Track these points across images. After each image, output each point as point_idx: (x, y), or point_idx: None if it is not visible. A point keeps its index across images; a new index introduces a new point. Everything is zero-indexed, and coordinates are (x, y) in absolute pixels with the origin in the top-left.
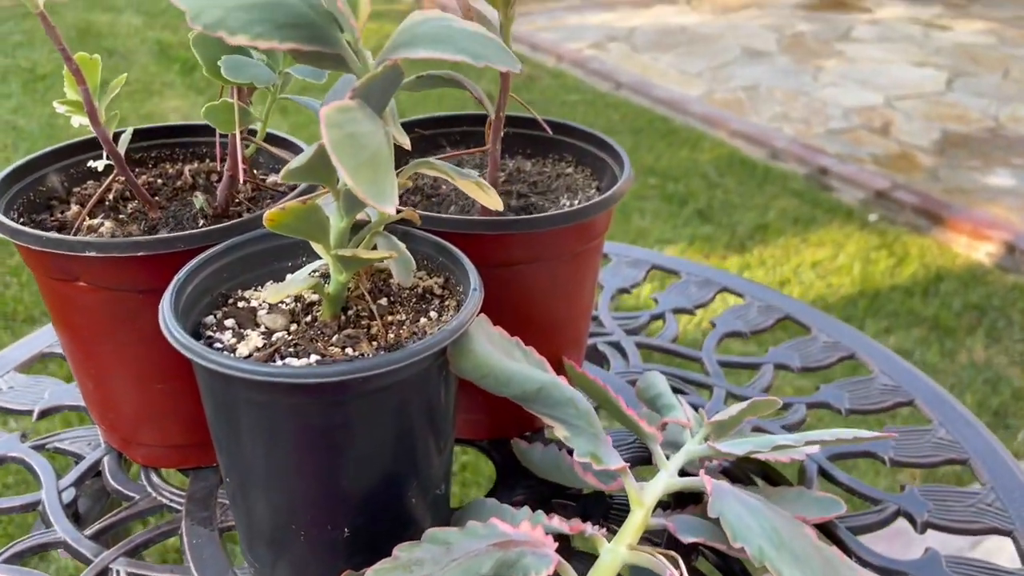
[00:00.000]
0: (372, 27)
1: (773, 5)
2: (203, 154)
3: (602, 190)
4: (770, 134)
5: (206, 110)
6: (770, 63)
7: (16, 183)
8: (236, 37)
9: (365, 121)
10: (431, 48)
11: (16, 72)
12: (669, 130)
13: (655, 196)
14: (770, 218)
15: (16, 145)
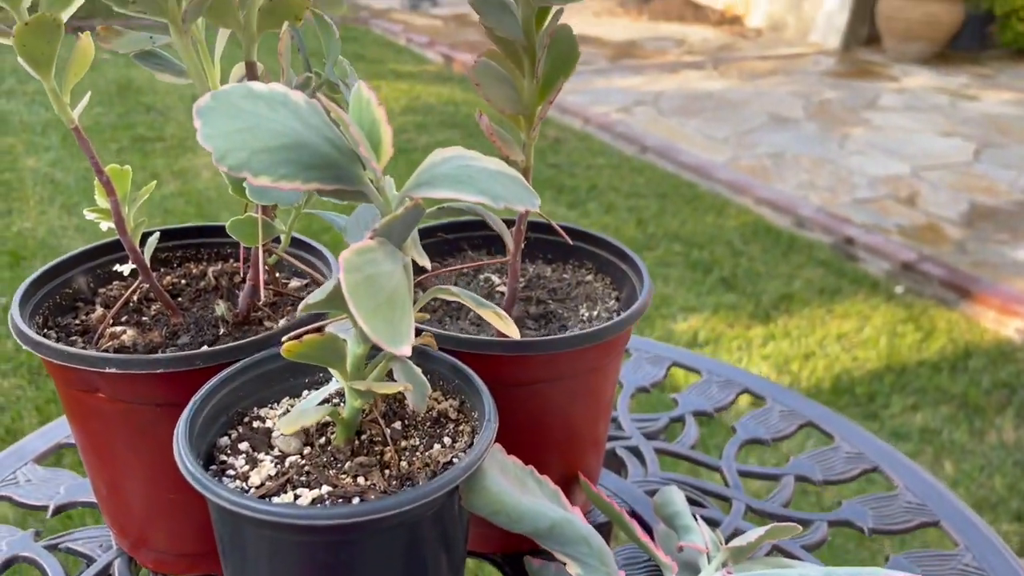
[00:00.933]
0: (403, 88)
1: (800, 72)
2: (227, 254)
3: (621, 300)
4: (796, 202)
5: (231, 224)
6: (796, 130)
7: (43, 286)
8: (260, 179)
9: (385, 261)
10: (451, 188)
11: (56, 126)
12: (694, 195)
13: (680, 263)
14: (795, 288)
15: (52, 198)
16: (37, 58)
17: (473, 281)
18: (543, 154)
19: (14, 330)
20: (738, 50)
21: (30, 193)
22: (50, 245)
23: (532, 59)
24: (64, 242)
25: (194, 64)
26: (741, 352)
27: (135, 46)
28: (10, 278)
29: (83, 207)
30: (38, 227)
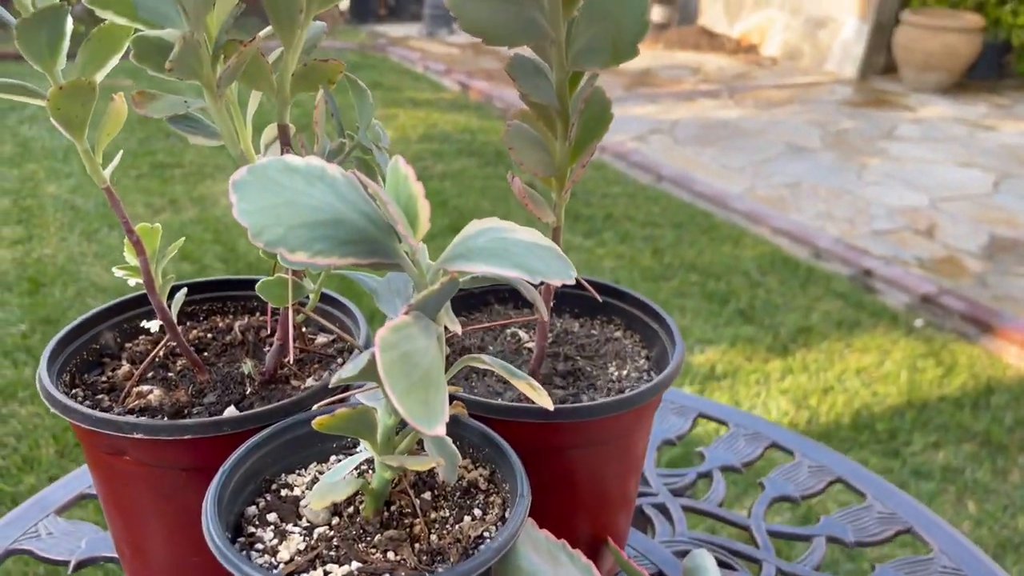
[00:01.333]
0: (420, 115)
1: (816, 101)
2: (253, 308)
3: (652, 359)
4: (813, 233)
5: (261, 286)
6: (813, 160)
7: (71, 343)
8: (296, 255)
9: (420, 337)
10: (488, 263)
11: (76, 152)
12: (711, 225)
13: (696, 293)
14: (813, 320)
15: (72, 225)
16: (71, 121)
17: (500, 336)
18: None
19: (43, 392)
20: (754, 79)
21: (51, 219)
22: (69, 272)
23: (566, 122)
24: (83, 269)
25: (227, 127)
26: (759, 386)
27: (169, 110)
28: (30, 304)
29: (102, 233)
30: (58, 253)
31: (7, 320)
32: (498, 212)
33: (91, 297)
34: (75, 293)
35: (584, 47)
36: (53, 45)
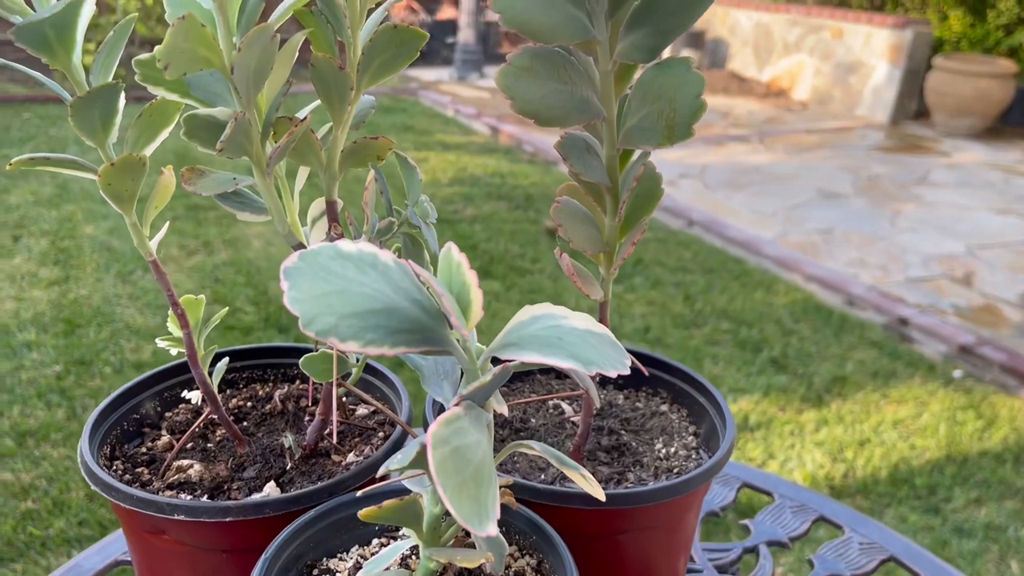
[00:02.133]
0: (450, 159)
1: (847, 146)
2: (292, 376)
3: (700, 436)
4: (846, 280)
5: (304, 362)
6: (845, 206)
7: (112, 413)
8: (347, 344)
9: (471, 430)
10: (541, 352)
11: None
12: (742, 271)
13: (728, 341)
14: (848, 370)
15: (108, 266)
16: (121, 195)
17: (543, 407)
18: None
19: (83, 469)
20: (784, 123)
21: (87, 260)
22: (104, 313)
23: (615, 199)
24: (118, 310)
25: (275, 204)
26: (793, 437)
27: (218, 188)
28: (64, 346)
29: (137, 275)
30: (93, 295)
31: (42, 361)
32: (527, 256)
33: (124, 339)
34: (109, 335)
35: (637, 126)
36: (106, 121)
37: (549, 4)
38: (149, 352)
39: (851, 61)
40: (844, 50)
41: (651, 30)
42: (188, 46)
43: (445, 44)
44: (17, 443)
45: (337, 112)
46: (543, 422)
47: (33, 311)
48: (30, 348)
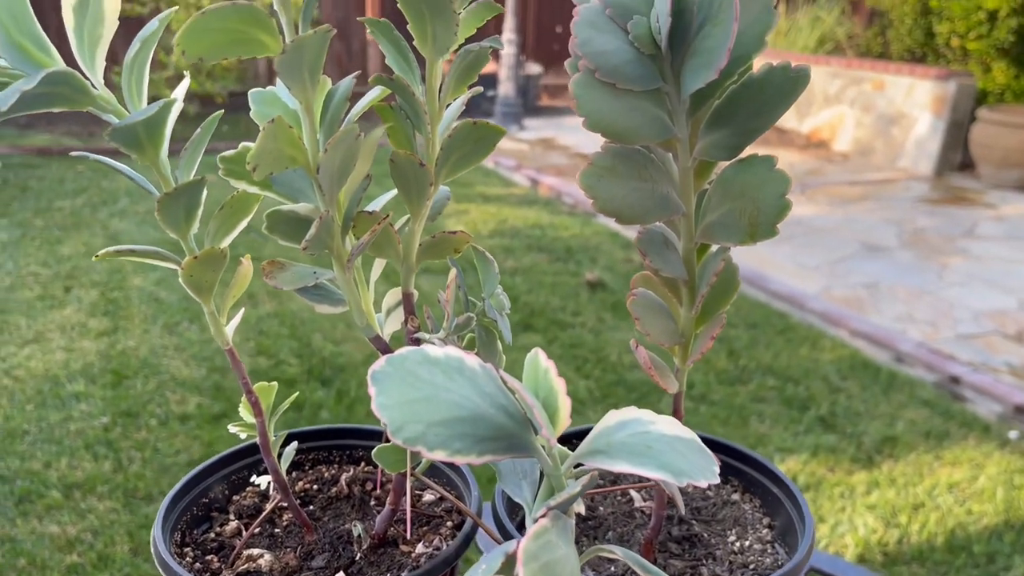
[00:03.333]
0: (491, 211)
1: (891, 198)
2: (358, 457)
3: (776, 529)
4: (894, 336)
5: (377, 453)
6: (891, 259)
7: (183, 498)
8: (435, 453)
9: (560, 543)
10: (630, 462)
11: (163, 245)
12: (787, 326)
13: (774, 399)
14: (899, 430)
15: (155, 317)
16: (201, 286)
17: (610, 496)
18: (629, 279)
19: (157, 560)
20: (825, 175)
21: (135, 311)
22: (151, 364)
23: (692, 292)
24: (164, 362)
25: (355, 298)
26: (844, 500)
27: (299, 282)
28: (112, 397)
29: (183, 327)
30: (141, 346)
31: (90, 413)
32: (568, 309)
33: (170, 391)
34: (155, 386)
35: (717, 222)
36: (189, 214)
37: (632, 107)
38: (193, 404)
39: (893, 113)
40: (885, 102)
41: (733, 130)
42: (276, 147)
43: (485, 97)
44: (64, 495)
45: (415, 206)
46: (611, 510)
47: (82, 362)
48: (79, 399)
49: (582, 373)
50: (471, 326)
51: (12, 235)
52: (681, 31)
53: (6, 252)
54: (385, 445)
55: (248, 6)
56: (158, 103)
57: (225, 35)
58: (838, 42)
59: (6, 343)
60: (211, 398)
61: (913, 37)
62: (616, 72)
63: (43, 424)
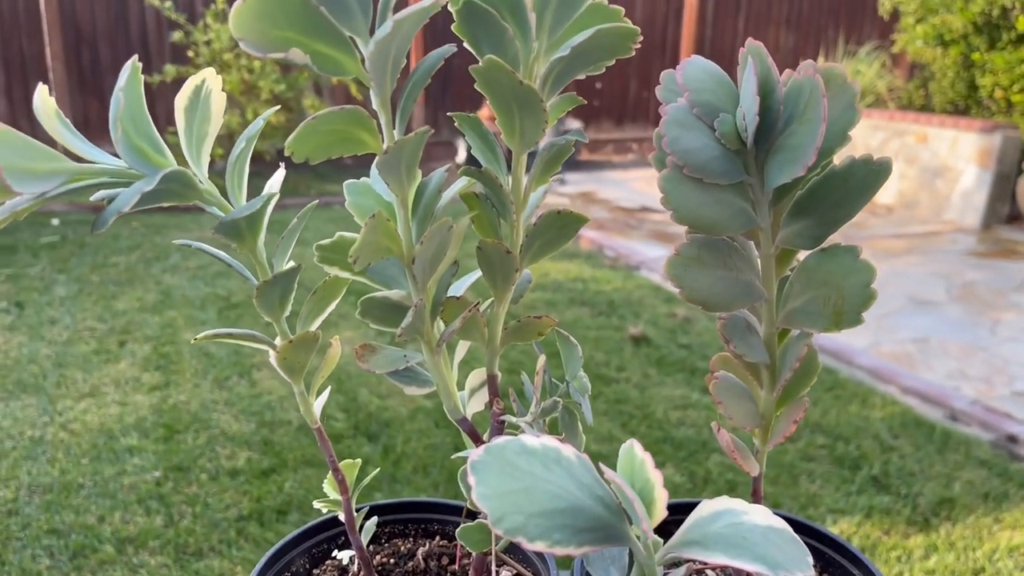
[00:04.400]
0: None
1: (938, 251)
2: (434, 531)
3: None
4: (947, 393)
5: (461, 532)
6: (940, 314)
7: (267, 572)
8: (535, 544)
9: None
10: (725, 553)
11: (213, 300)
12: (835, 383)
13: (824, 458)
14: (955, 491)
15: (206, 372)
16: (293, 367)
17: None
18: (673, 334)
19: None
20: (870, 228)
21: (187, 366)
22: (202, 419)
23: (773, 375)
24: (214, 416)
25: (443, 382)
26: (901, 564)
27: (391, 366)
28: (164, 451)
29: (232, 381)
30: (191, 400)
31: (143, 467)
32: (612, 364)
33: (220, 445)
34: (206, 440)
35: (801, 309)
36: (283, 300)
37: (718, 200)
38: (243, 459)
39: (937, 165)
40: (930, 154)
41: (816, 221)
42: (375, 240)
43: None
44: (117, 550)
45: (500, 290)
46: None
47: (136, 416)
48: (132, 453)
49: (628, 430)
50: (556, 410)
51: (70, 290)
52: (766, 128)
53: (64, 307)
54: (469, 524)
55: (354, 110)
56: (260, 199)
57: (331, 136)
58: (879, 95)
59: (63, 397)
60: (260, 453)
61: (956, 90)
62: (703, 168)
63: (97, 478)
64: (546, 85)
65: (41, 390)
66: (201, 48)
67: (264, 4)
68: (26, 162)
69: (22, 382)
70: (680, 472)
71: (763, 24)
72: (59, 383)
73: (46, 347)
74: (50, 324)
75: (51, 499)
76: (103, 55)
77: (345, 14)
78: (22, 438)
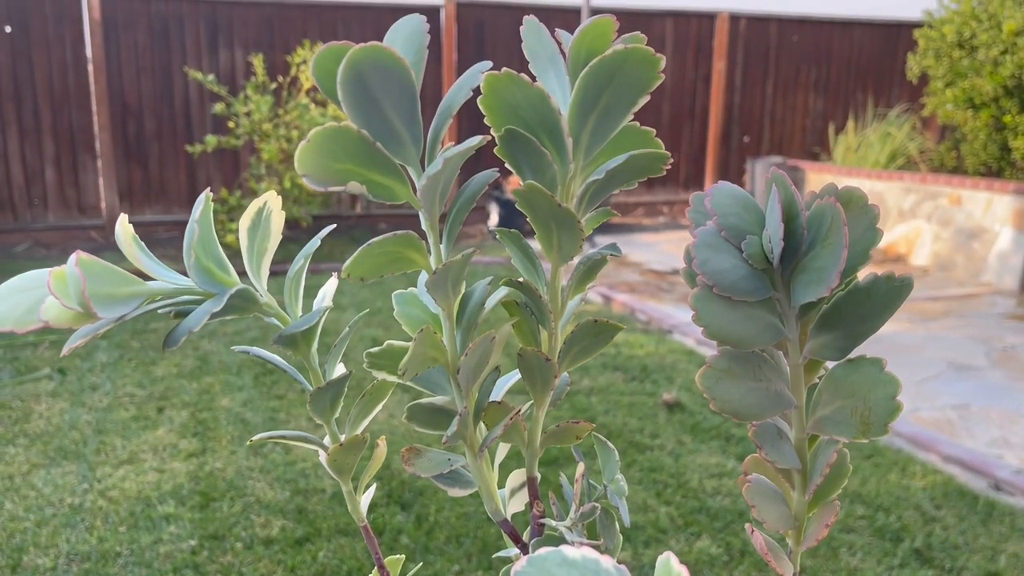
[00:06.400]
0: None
1: (975, 314)
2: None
3: None
4: (990, 462)
5: None
6: (980, 379)
7: None
8: None
9: None
10: None
11: (249, 366)
12: (874, 451)
13: (865, 529)
14: (1001, 565)
15: (242, 438)
16: (343, 468)
17: None
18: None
19: None
20: None
21: (223, 432)
22: (237, 487)
23: (805, 479)
24: (250, 484)
25: (486, 485)
26: None
27: (435, 469)
28: (200, 519)
29: (267, 447)
30: (227, 467)
31: (179, 535)
32: (646, 431)
33: (255, 514)
34: (241, 508)
35: (829, 417)
36: (334, 403)
37: (747, 316)
38: (277, 528)
39: (972, 227)
40: (964, 216)
41: (841, 334)
42: (423, 351)
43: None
44: None
45: (540, 395)
46: None
47: (172, 483)
48: (168, 521)
49: (662, 499)
50: (595, 515)
51: (111, 356)
52: (791, 249)
53: (104, 373)
54: None
55: (407, 235)
56: (315, 314)
57: (384, 257)
58: (910, 157)
59: (102, 463)
60: (295, 521)
61: (988, 152)
62: (733, 288)
63: (134, 546)
64: (582, 204)
65: (81, 457)
66: (242, 119)
67: (326, 142)
68: (108, 288)
69: (63, 448)
70: (716, 543)
71: (791, 89)
72: (99, 450)
73: (87, 413)
74: (91, 390)
75: (89, 568)
76: (148, 127)
77: (398, 146)
78: (62, 505)
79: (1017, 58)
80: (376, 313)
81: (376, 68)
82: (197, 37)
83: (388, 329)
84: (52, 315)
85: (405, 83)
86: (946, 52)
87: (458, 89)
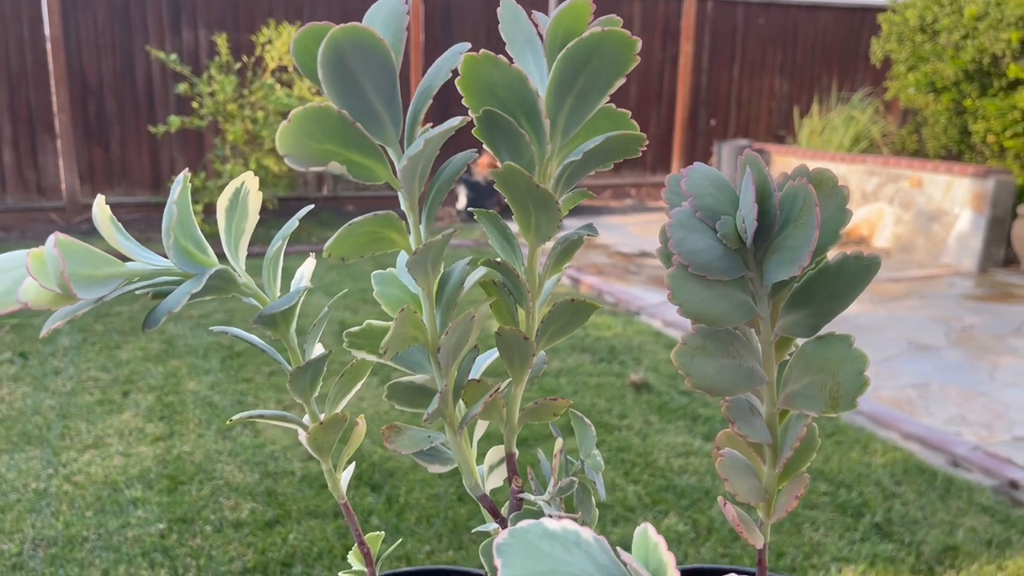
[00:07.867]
0: None
1: (935, 295)
2: None
3: None
4: (948, 439)
5: None
6: (939, 358)
7: None
8: None
9: None
10: None
11: (216, 349)
12: (836, 429)
13: (827, 505)
14: (959, 539)
15: (210, 421)
16: (322, 447)
17: None
18: (675, 380)
19: None
20: None
21: (190, 416)
22: (206, 470)
23: (775, 453)
24: (218, 467)
25: (465, 461)
26: None
27: (415, 446)
28: (168, 503)
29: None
30: (195, 451)
31: (147, 519)
32: (614, 411)
33: (224, 497)
34: (210, 492)
35: (799, 392)
36: (313, 383)
37: (721, 295)
38: (247, 511)
39: (933, 209)
40: (925, 199)
41: (811, 311)
42: (404, 330)
43: None
44: None
45: (518, 373)
46: None
47: (140, 467)
48: (136, 505)
49: (630, 478)
50: (572, 489)
51: (74, 340)
52: (764, 229)
53: (68, 357)
54: None
55: (387, 214)
56: (293, 294)
57: (365, 237)
58: (873, 140)
59: (67, 448)
60: (264, 504)
61: (948, 135)
62: (707, 267)
63: (102, 531)
64: (559, 184)
65: (45, 442)
66: (205, 99)
67: (307, 122)
68: (87, 269)
69: (26, 433)
70: (683, 521)
71: (758, 72)
72: (63, 434)
73: (50, 398)
74: (54, 375)
75: (56, 553)
76: (109, 107)
77: (378, 127)
78: (26, 490)
79: (978, 43)
80: (343, 296)
81: (356, 48)
82: (159, 16)
83: (356, 312)
84: (31, 296)
85: (385, 64)
86: (909, 36)
87: (437, 70)
